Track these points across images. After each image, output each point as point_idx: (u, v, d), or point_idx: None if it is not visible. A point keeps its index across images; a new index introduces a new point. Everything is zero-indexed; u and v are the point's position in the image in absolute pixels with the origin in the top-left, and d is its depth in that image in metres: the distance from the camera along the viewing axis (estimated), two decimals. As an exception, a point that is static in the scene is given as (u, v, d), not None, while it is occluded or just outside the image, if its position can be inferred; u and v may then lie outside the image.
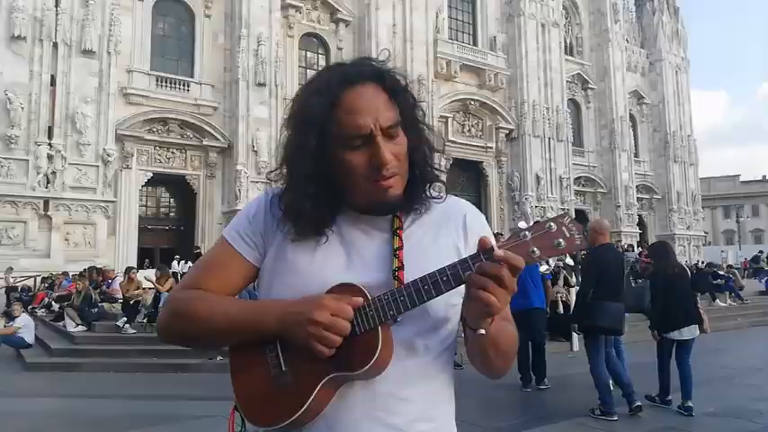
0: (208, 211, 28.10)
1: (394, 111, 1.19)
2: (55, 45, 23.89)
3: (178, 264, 25.06)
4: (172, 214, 29.84)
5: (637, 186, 43.79)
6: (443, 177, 1.32)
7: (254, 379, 1.17)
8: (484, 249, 1.05)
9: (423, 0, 33.48)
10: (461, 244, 1.27)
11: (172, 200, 29.65)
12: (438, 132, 1.33)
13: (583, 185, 41.74)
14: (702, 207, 49.60)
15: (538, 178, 36.98)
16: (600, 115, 43.35)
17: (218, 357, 10.97)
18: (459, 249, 1.25)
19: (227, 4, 28.94)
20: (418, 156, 1.24)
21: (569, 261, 14.24)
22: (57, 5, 24.05)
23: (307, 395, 1.10)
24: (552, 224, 1.05)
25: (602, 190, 42.47)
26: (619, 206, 41.75)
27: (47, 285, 19.95)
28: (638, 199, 43.97)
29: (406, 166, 1.22)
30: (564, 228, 1.05)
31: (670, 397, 6.94)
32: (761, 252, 36.53)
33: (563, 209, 37.49)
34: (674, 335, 6.70)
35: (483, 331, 1.09)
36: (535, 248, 1.04)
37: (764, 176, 77.16)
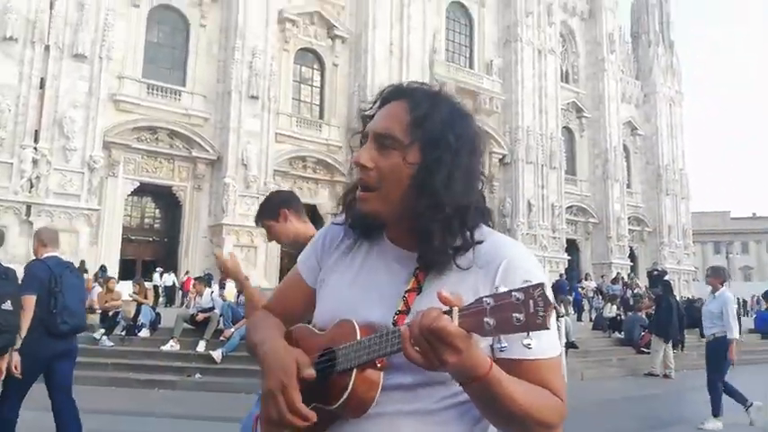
0: (193, 224, 27.56)
1: (400, 125, 1.17)
2: (47, 48, 23.59)
3: (160, 277, 24.45)
4: (156, 225, 29.20)
5: (628, 218, 43.68)
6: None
7: None
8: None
9: (420, 20, 33.63)
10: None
11: (157, 210, 29.05)
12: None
13: (574, 215, 41.57)
14: (693, 242, 49.42)
15: (530, 205, 36.70)
16: (593, 144, 43.44)
17: (197, 375, 10.47)
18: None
19: (224, 16, 28.80)
20: (433, 180, 1.14)
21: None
22: (51, 8, 23.81)
23: None
24: (519, 295, 0.90)
25: (593, 220, 42.30)
26: (610, 237, 41.49)
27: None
28: (630, 231, 43.80)
29: (395, 187, 1.16)
30: (531, 301, 0.89)
31: None
32: None
33: (554, 237, 37.29)
34: None
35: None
36: (490, 320, 0.91)
37: (754, 214, 77.76)
